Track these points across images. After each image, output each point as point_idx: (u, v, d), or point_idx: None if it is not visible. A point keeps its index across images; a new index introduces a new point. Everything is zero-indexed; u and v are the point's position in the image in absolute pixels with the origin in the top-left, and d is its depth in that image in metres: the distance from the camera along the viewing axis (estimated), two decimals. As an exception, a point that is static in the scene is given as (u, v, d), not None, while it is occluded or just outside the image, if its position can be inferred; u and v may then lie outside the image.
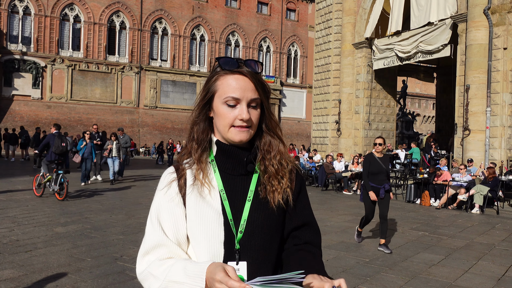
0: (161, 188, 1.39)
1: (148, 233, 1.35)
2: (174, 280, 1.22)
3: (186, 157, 1.43)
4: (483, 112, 15.44)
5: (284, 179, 1.40)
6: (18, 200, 10.58)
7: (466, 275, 5.82)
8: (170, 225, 1.34)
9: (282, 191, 1.39)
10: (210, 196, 1.34)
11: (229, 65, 1.34)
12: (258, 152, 1.40)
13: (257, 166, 1.40)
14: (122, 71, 38.02)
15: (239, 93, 1.32)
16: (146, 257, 1.32)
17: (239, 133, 1.33)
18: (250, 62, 1.36)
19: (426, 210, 12.25)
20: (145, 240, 1.35)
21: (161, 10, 39.56)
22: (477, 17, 15.48)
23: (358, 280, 5.40)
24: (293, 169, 1.46)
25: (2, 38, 33.71)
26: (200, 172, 1.37)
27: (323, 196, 14.56)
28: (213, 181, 1.37)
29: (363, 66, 21.87)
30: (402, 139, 25.23)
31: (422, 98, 62.58)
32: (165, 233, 1.33)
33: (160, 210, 1.36)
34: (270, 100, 1.44)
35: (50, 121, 34.51)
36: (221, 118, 1.34)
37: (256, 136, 1.40)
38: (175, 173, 1.40)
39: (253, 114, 1.34)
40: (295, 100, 46.59)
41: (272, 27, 45.35)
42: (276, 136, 1.42)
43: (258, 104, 1.36)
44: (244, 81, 1.33)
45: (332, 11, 23.74)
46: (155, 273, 1.27)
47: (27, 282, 4.82)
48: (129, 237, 7.20)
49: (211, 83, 1.37)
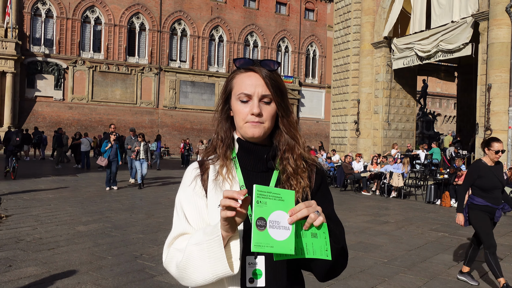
0: (186, 183, 1.46)
1: (174, 224, 1.44)
2: (194, 243, 1.28)
3: (211, 153, 1.50)
4: (505, 112, 15.19)
5: (302, 178, 1.43)
6: (41, 199, 10.80)
7: (486, 277, 5.75)
8: (194, 216, 1.40)
9: (301, 189, 1.42)
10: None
11: (243, 64, 1.43)
12: (278, 151, 1.45)
13: (277, 164, 1.44)
14: (141, 72, 38.40)
15: (250, 89, 1.38)
16: (172, 246, 1.39)
17: (252, 128, 1.38)
18: (267, 61, 1.42)
19: (447, 211, 12.11)
20: (172, 231, 1.43)
21: (180, 11, 39.83)
22: (499, 15, 15.24)
23: (376, 281, 5.38)
24: (312, 167, 1.50)
25: (26, 41, 34.36)
26: (224, 167, 1.43)
27: (341, 196, 14.50)
28: (235, 177, 1.43)
29: (382, 65, 21.71)
30: (422, 139, 24.96)
31: (443, 98, 61.71)
32: (189, 223, 1.40)
33: (185, 202, 1.43)
34: (288, 99, 1.48)
35: (72, 121, 35.08)
36: (236, 114, 1.42)
37: (275, 134, 1.45)
38: (199, 168, 1.47)
39: (265, 109, 1.39)
40: (314, 100, 46.41)
41: (290, 27, 45.26)
42: (292, 135, 1.45)
43: (271, 100, 1.40)
44: (255, 78, 1.39)
45: (350, 11, 23.62)
46: (179, 246, 1.35)
47: (49, 279, 4.94)
48: (148, 236, 7.30)
49: (228, 82, 1.46)
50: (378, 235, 8.18)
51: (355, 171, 16.60)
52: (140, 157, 14.12)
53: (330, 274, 1.38)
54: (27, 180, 14.71)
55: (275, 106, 1.41)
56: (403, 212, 11.49)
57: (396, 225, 9.47)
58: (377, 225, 9.26)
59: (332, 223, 1.38)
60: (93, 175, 17.37)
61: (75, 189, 13.20)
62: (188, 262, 1.28)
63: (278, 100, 1.42)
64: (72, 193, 12.15)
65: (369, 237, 7.99)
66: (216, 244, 1.23)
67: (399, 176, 14.49)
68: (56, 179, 15.77)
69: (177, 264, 1.32)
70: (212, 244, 1.23)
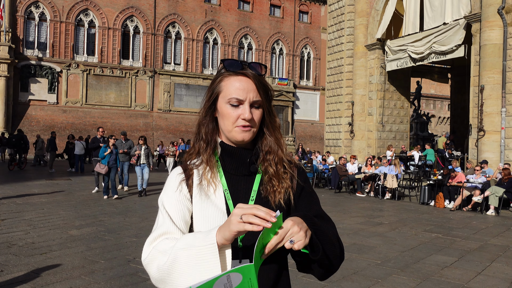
0: (172, 188, 1.42)
1: (158, 222, 1.38)
2: (182, 247, 1.23)
3: (194, 157, 1.47)
4: (498, 113, 15.26)
5: (284, 179, 1.43)
6: (34, 204, 10.75)
7: (479, 277, 5.77)
8: (178, 219, 1.37)
9: (283, 191, 1.41)
10: (215, 195, 1.38)
11: (234, 67, 1.39)
12: (260, 153, 1.44)
13: (260, 167, 1.43)
14: (136, 75, 38.34)
15: (242, 94, 1.36)
16: (153, 244, 1.33)
17: (242, 133, 1.37)
18: (254, 64, 1.41)
19: (440, 212, 12.15)
20: (154, 229, 1.38)
21: (174, 14, 39.83)
22: (491, 17, 15.33)
23: (370, 282, 5.39)
24: (294, 169, 1.49)
25: (19, 44, 34.25)
26: (209, 171, 1.41)
27: (336, 198, 14.52)
28: (219, 181, 1.41)
29: (376, 67, 21.77)
30: (416, 141, 25.04)
31: (437, 99, 61.94)
32: (174, 223, 1.36)
33: (170, 205, 1.39)
34: (272, 102, 1.48)
35: (66, 125, 34.95)
36: (225, 118, 1.39)
37: (258, 137, 1.44)
38: (183, 174, 1.44)
39: (255, 115, 1.38)
40: (309, 102, 46.48)
41: (284, 30, 45.34)
42: (275, 138, 1.45)
43: (260, 106, 1.40)
44: (247, 83, 1.37)
45: (344, 13, 23.69)
46: (162, 248, 1.28)
47: (41, 283, 4.91)
48: (142, 239, 7.27)
49: (216, 84, 1.42)
50: (371, 237, 8.19)
51: (349, 173, 16.63)
52: (141, 162, 13.18)
53: (330, 270, 1.37)
54: (20, 184, 14.63)
55: (263, 111, 1.41)
56: (397, 214, 11.51)
57: (390, 226, 9.49)
58: (371, 227, 9.28)
59: (322, 221, 1.38)
60: (87, 179, 17.30)
61: (68, 193, 13.15)
62: (173, 266, 1.23)
63: (266, 105, 1.42)
64: (65, 197, 12.10)
65: (363, 238, 8.00)
66: (209, 252, 1.20)
67: (393, 178, 14.53)
68: (50, 183, 15.70)
69: (158, 267, 1.27)
70: (204, 251, 1.20)
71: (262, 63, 12.49)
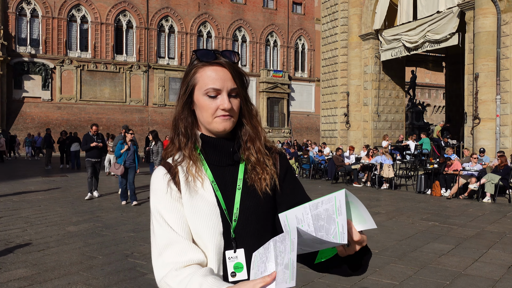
0: (162, 190, 1.37)
1: (157, 233, 1.33)
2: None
3: (175, 152, 1.42)
4: (493, 100, 15.31)
5: (268, 165, 1.43)
6: (30, 201, 10.72)
7: (476, 264, 5.80)
8: (176, 221, 1.33)
9: (269, 176, 1.41)
10: (203, 189, 1.36)
11: (207, 57, 1.36)
12: (241, 141, 1.42)
13: (242, 156, 1.42)
14: (130, 70, 38.18)
15: (219, 83, 1.34)
16: (161, 259, 1.29)
17: (223, 122, 1.35)
18: (227, 53, 1.39)
19: (437, 200, 12.20)
20: (155, 241, 1.32)
21: (167, 8, 39.62)
22: (484, 4, 15.32)
23: (368, 271, 5.40)
24: (275, 155, 1.49)
25: (11, 41, 34.00)
26: (193, 165, 1.38)
27: (332, 189, 14.54)
28: (204, 174, 1.39)
29: (370, 57, 21.77)
30: (412, 130, 25.10)
31: (432, 88, 62.05)
32: (173, 229, 1.31)
33: (165, 210, 1.34)
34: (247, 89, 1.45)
35: (61, 122, 34.82)
36: (203, 110, 1.36)
37: (236, 127, 1.43)
38: (169, 173, 1.39)
39: (234, 103, 1.37)
40: (304, 94, 46.47)
41: (278, 21, 45.21)
42: (253, 126, 1.44)
43: (237, 94, 1.38)
44: (223, 72, 1.35)
45: (338, 3, 23.64)
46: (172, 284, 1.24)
47: (39, 280, 4.91)
48: (139, 234, 7.27)
49: (190, 77, 1.39)
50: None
51: (346, 163, 16.66)
52: (153, 159, 12.10)
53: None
54: (16, 182, 14.59)
55: (240, 99, 1.40)
56: (394, 203, 11.55)
57: (387, 215, 9.53)
58: (368, 217, 9.29)
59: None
60: (83, 175, 17.23)
61: (65, 189, 13.12)
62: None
63: (243, 93, 1.40)
64: (62, 194, 12.07)
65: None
66: None
67: (389, 167, 14.57)
68: (46, 180, 15.67)
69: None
70: None
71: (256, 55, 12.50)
